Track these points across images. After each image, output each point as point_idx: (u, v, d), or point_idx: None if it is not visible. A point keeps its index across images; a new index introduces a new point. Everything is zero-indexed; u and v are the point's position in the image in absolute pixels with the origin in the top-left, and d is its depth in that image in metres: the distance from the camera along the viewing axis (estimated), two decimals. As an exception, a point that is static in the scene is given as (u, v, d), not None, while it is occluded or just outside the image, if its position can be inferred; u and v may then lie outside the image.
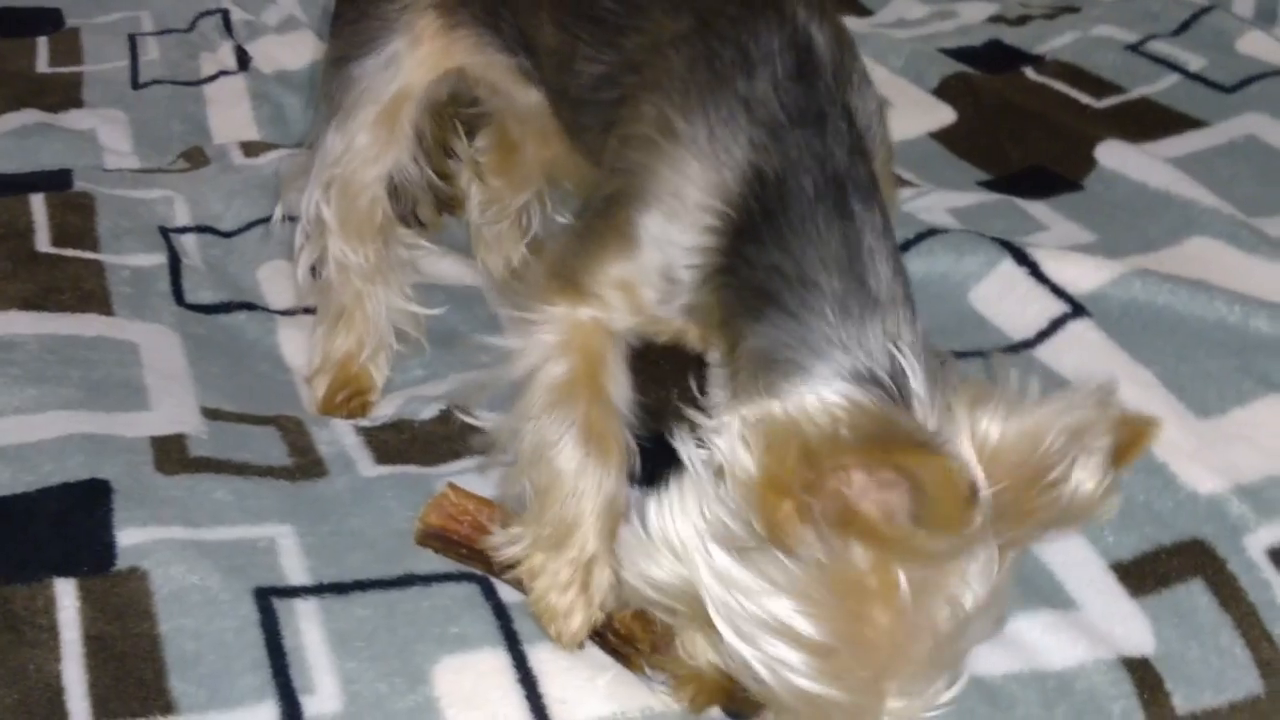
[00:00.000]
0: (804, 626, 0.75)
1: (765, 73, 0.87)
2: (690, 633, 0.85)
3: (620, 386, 0.94)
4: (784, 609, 0.75)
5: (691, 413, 0.82)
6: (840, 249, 0.82)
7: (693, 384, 0.91)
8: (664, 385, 1.03)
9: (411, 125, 1.16)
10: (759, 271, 0.83)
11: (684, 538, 0.79)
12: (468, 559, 0.99)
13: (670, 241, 0.88)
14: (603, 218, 0.92)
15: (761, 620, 0.76)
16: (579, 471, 0.92)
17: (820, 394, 0.77)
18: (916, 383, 0.78)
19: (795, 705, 0.78)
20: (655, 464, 0.97)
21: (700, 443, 0.80)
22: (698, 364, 0.97)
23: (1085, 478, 0.75)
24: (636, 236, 0.89)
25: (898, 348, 0.79)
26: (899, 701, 0.77)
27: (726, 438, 0.76)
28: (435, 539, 0.99)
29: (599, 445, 0.92)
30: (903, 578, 0.74)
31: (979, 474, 0.74)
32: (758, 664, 0.77)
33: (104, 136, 1.64)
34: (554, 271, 0.94)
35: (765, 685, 0.77)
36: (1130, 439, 0.78)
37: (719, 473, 0.77)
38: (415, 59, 1.13)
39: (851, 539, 0.73)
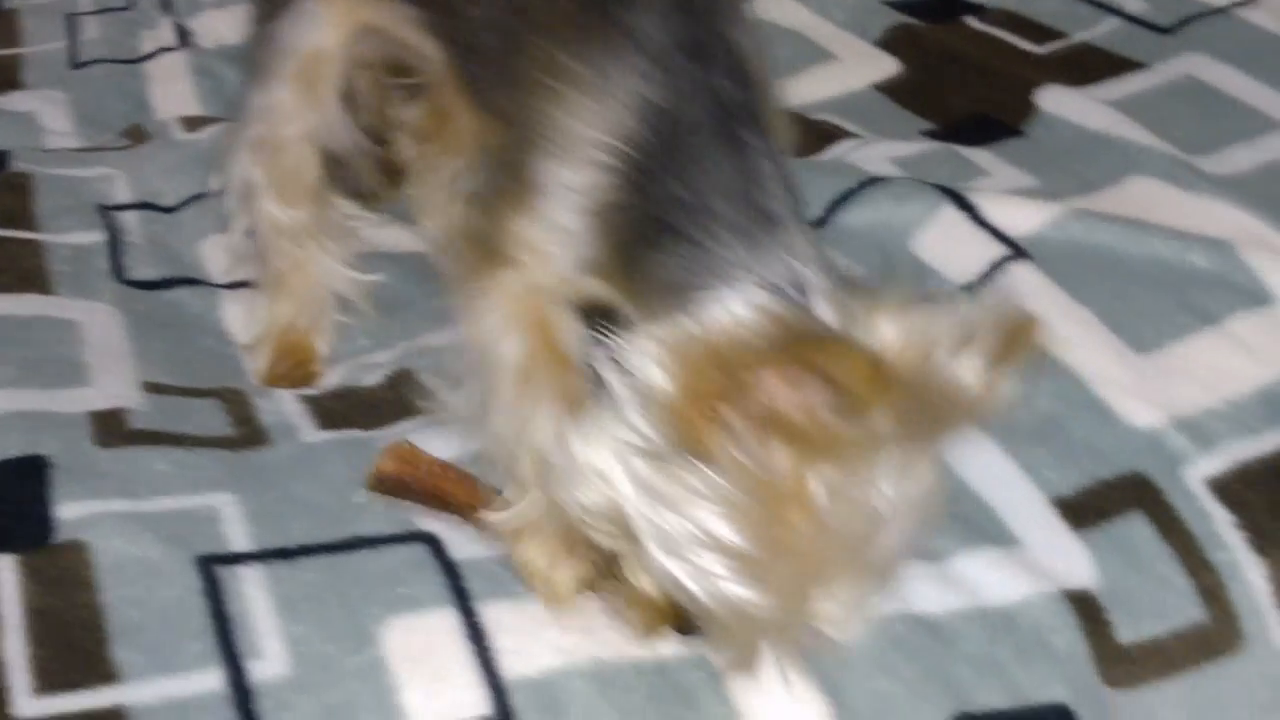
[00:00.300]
0: (726, 533, 0.76)
1: (648, 4, 0.88)
2: (632, 557, 0.85)
3: (576, 345, 0.95)
4: (706, 516, 0.76)
5: (607, 335, 0.83)
6: (733, 174, 0.84)
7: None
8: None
9: (334, 86, 1.16)
10: (656, 204, 0.85)
11: (606, 458, 0.80)
12: (423, 502, 0.98)
13: (565, 185, 0.88)
14: (504, 172, 0.92)
15: (685, 530, 0.77)
16: (549, 435, 0.91)
17: (729, 308, 0.78)
18: (817, 292, 0.79)
19: (725, 616, 0.79)
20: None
21: (617, 365, 0.81)
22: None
23: (970, 375, 0.77)
24: (535, 185, 0.90)
25: (796, 261, 0.81)
26: (827, 605, 0.78)
27: (641, 356, 0.77)
28: (390, 483, 0.98)
29: (572, 410, 0.92)
30: (815, 478, 0.74)
31: (887, 358, 0.75)
32: (684, 576, 0.78)
33: (44, 117, 1.62)
34: (474, 238, 0.94)
35: (693, 597, 0.78)
36: (1015, 339, 0.80)
37: (636, 391, 0.78)
38: (325, 15, 1.13)
39: (770, 442, 0.74)
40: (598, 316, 0.96)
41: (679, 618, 0.87)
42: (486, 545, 0.95)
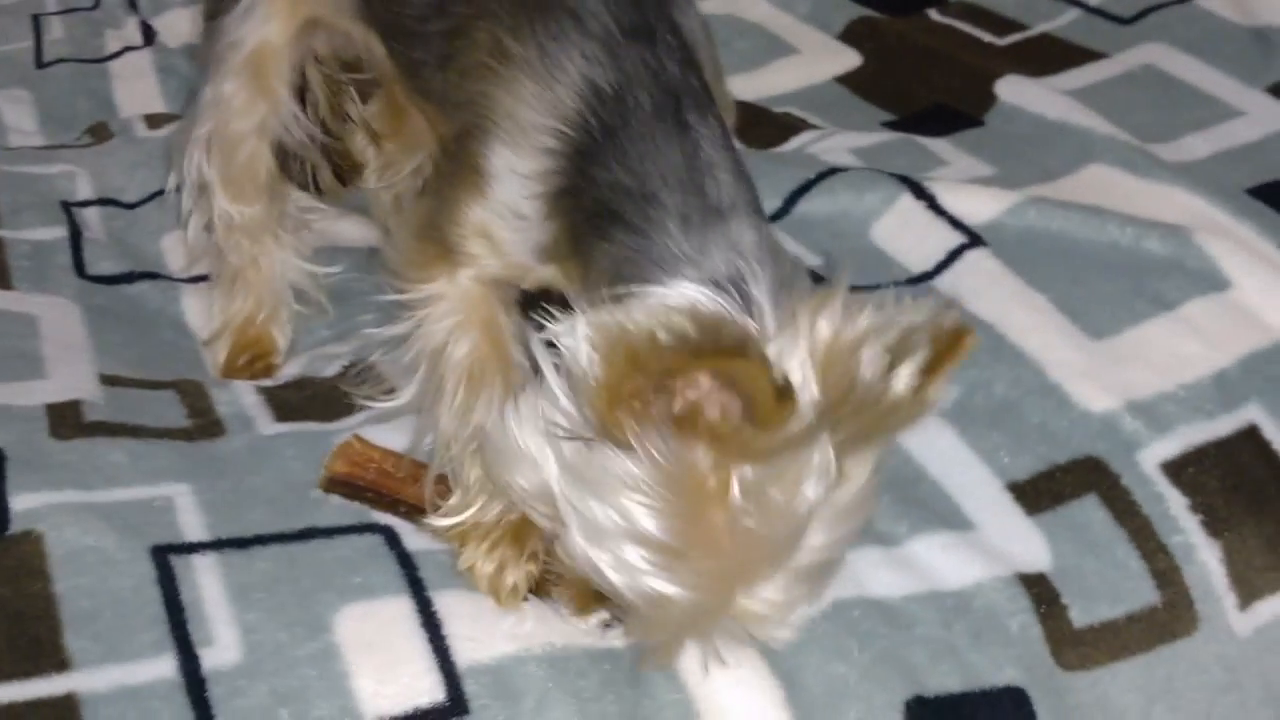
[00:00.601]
0: (647, 524, 0.76)
1: None
2: (564, 540, 0.85)
3: (526, 348, 0.95)
4: (628, 506, 0.76)
5: (547, 319, 0.83)
6: (680, 161, 0.83)
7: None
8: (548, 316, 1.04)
9: (285, 80, 1.15)
10: (603, 190, 0.84)
11: (536, 439, 0.80)
12: (375, 504, 0.99)
13: (514, 171, 0.88)
14: (453, 160, 0.92)
15: (608, 518, 0.77)
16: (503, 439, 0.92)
17: (659, 299, 0.78)
18: (758, 288, 0.79)
19: (645, 607, 0.79)
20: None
21: (551, 346, 0.80)
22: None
23: (900, 382, 0.77)
24: (486, 171, 0.89)
25: (740, 254, 0.80)
26: (750, 602, 0.79)
27: (570, 339, 0.77)
28: (341, 485, 0.99)
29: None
30: (736, 478, 0.75)
31: (801, 373, 0.75)
32: (605, 566, 0.78)
33: (8, 116, 1.62)
34: (421, 232, 0.93)
35: (614, 587, 0.79)
36: (949, 347, 0.80)
37: (565, 374, 0.78)
38: (271, 8, 1.13)
39: (686, 439, 0.74)
40: (548, 302, 0.96)
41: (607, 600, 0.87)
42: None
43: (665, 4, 0.89)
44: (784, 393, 0.73)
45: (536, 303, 0.95)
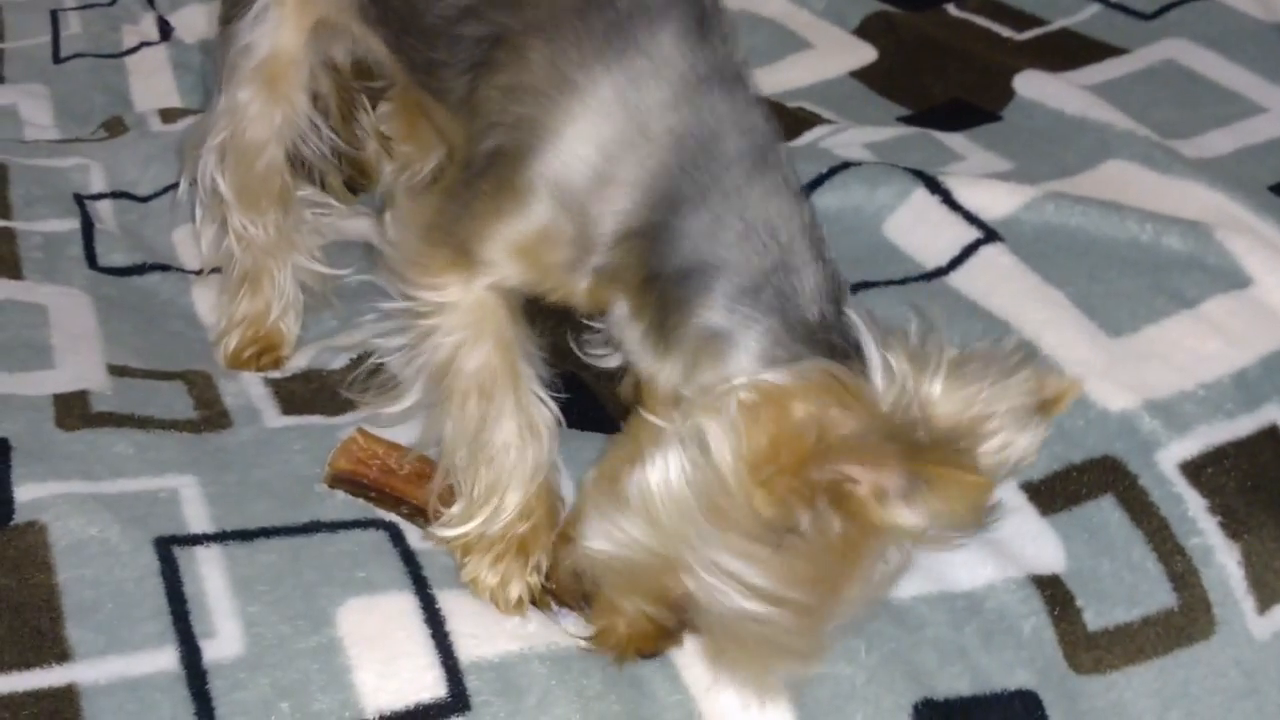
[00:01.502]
0: (788, 588, 0.78)
1: (668, 26, 0.84)
2: (626, 593, 0.86)
3: (533, 357, 0.94)
4: (772, 575, 0.78)
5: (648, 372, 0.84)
6: (770, 211, 0.83)
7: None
8: (554, 323, 1.03)
9: (298, 86, 1.14)
10: (699, 241, 0.83)
11: (670, 507, 0.80)
12: (378, 502, 0.98)
13: (575, 203, 0.86)
14: (489, 177, 0.89)
15: (749, 584, 0.78)
16: (508, 449, 0.92)
17: (799, 368, 0.78)
18: (866, 343, 0.79)
19: (753, 650, 0.82)
20: (573, 406, 0.99)
21: (675, 416, 0.81)
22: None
23: (1016, 438, 0.79)
24: (531, 196, 0.87)
25: (839, 306, 0.82)
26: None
27: (718, 415, 0.78)
28: (344, 483, 0.99)
29: (528, 423, 0.93)
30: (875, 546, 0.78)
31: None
32: (732, 618, 0.80)
33: (25, 110, 1.62)
34: (437, 239, 0.91)
35: (726, 638, 0.81)
36: (1053, 398, 0.82)
37: (703, 445, 0.78)
38: (283, 12, 1.12)
39: (845, 515, 0.76)
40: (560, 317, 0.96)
41: (649, 645, 0.88)
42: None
43: (729, 43, 0.86)
44: (985, 497, 0.76)
45: (541, 307, 0.94)
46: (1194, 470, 1.03)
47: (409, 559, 0.93)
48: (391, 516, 0.97)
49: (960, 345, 0.82)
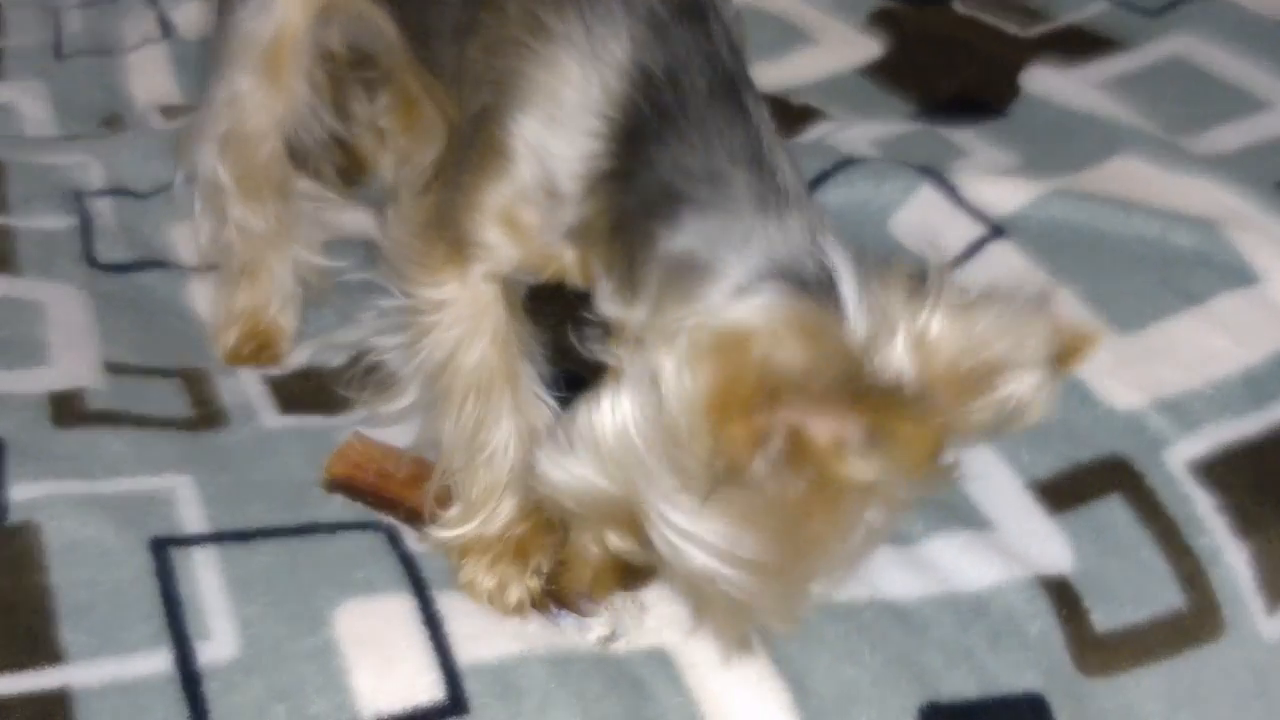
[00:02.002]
0: (742, 547, 0.74)
1: None
2: (593, 530, 0.83)
3: (533, 355, 0.93)
4: (723, 531, 0.74)
5: (618, 321, 0.80)
6: (745, 144, 0.80)
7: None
8: (555, 320, 1.02)
9: (300, 74, 1.13)
10: (664, 171, 0.80)
11: (619, 449, 0.77)
12: (375, 506, 0.97)
13: (550, 152, 0.84)
14: (476, 144, 0.88)
15: (699, 539, 0.75)
16: (506, 451, 0.91)
17: (760, 304, 0.74)
18: (846, 282, 0.76)
19: (722, 605, 0.78)
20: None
21: (634, 354, 0.77)
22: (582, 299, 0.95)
23: (1024, 387, 0.74)
24: (512, 150, 0.85)
25: (820, 242, 0.77)
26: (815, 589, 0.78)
27: (671, 353, 0.74)
28: (342, 488, 0.98)
29: (527, 424, 0.91)
30: (840, 500, 0.73)
31: (912, 390, 0.73)
32: (692, 574, 0.76)
33: (25, 108, 1.61)
34: (428, 230, 0.90)
35: (694, 590, 0.78)
36: (1070, 348, 0.77)
37: (653, 384, 0.75)
38: None
39: (800, 466, 0.71)
40: (559, 299, 0.94)
41: (624, 578, 0.85)
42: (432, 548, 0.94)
43: None
44: (940, 443, 0.71)
45: (543, 303, 0.93)
46: (1202, 469, 1.01)
47: (407, 561, 0.92)
48: (390, 519, 0.96)
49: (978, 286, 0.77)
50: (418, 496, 0.96)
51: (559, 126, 0.84)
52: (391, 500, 0.97)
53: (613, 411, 0.77)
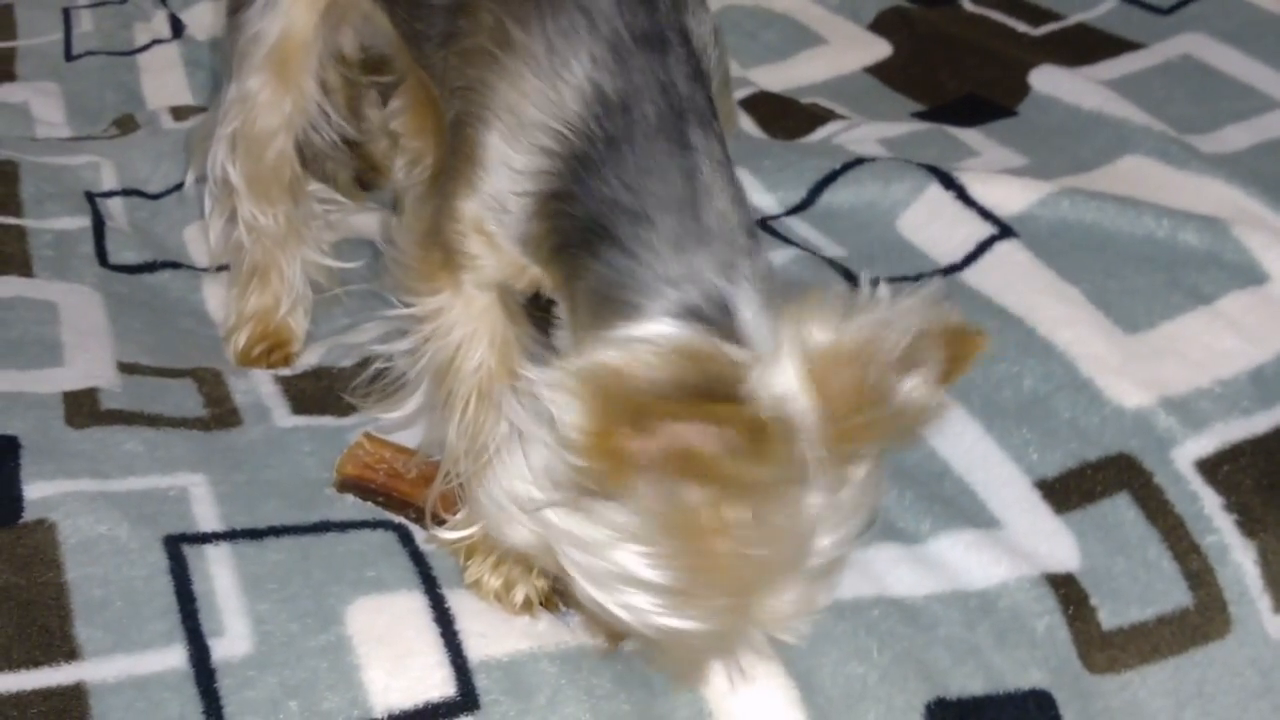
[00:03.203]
0: (649, 573, 0.74)
1: None
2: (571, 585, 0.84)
3: (539, 358, 0.91)
4: (628, 558, 0.74)
5: (519, 369, 0.81)
6: (678, 183, 0.81)
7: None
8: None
9: (309, 73, 1.13)
10: (596, 203, 0.81)
11: (526, 498, 0.78)
12: (386, 506, 0.98)
13: (507, 164, 0.85)
14: (458, 152, 0.89)
15: (610, 571, 0.75)
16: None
17: (645, 335, 0.76)
18: (746, 308, 0.77)
19: (663, 641, 0.77)
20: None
21: (530, 399, 0.78)
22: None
23: (916, 391, 0.74)
24: (480, 161, 0.86)
25: (729, 278, 0.78)
26: (774, 607, 0.77)
27: (552, 390, 0.74)
28: (353, 488, 0.99)
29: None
30: (734, 511, 0.73)
31: (798, 404, 0.73)
32: (617, 609, 0.76)
33: (36, 108, 1.62)
34: (425, 240, 0.91)
35: (629, 628, 0.77)
36: (960, 351, 0.77)
37: (550, 427, 0.75)
38: None
39: (677, 480, 0.72)
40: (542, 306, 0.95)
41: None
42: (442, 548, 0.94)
43: (679, 9, 0.86)
44: (781, 435, 0.71)
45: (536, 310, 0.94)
46: (1210, 468, 1.01)
47: (418, 559, 0.93)
48: (400, 518, 0.97)
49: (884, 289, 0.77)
50: (427, 496, 0.96)
51: (515, 140, 0.84)
52: (402, 500, 0.98)
53: (512, 463, 0.78)
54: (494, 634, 0.88)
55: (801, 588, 0.77)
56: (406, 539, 0.95)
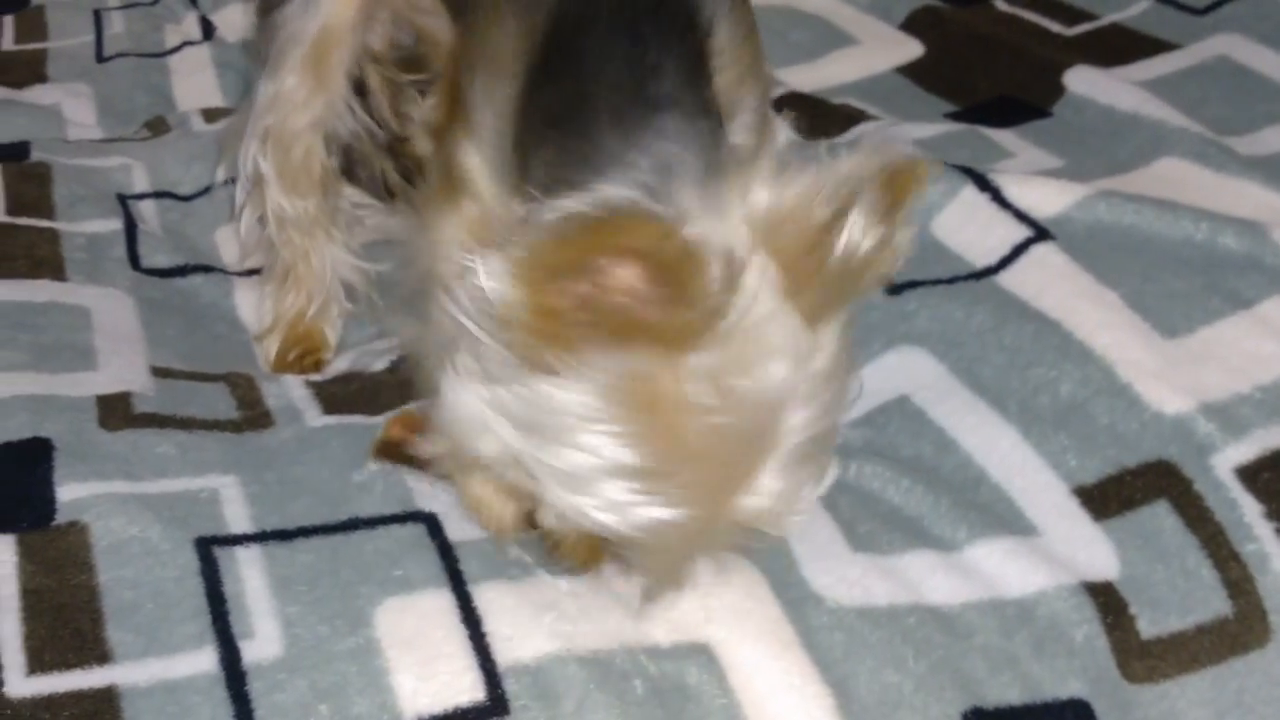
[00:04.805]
0: (618, 454, 0.72)
1: None
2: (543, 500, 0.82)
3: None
4: (592, 441, 0.72)
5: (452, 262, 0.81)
6: (621, 64, 0.81)
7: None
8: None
9: (344, 69, 1.14)
10: (547, 103, 0.83)
11: (479, 403, 0.76)
12: (425, 467, 0.96)
13: (489, 104, 0.87)
14: (456, 97, 0.92)
15: (577, 460, 0.73)
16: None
17: (578, 207, 0.73)
18: (685, 172, 0.75)
19: (645, 538, 0.75)
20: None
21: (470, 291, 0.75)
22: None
23: (859, 234, 0.72)
24: (472, 105, 0.89)
25: (672, 145, 0.77)
26: (750, 499, 0.74)
27: (491, 277, 0.72)
28: (395, 450, 0.98)
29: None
30: (690, 374, 0.70)
31: (742, 243, 0.71)
32: (593, 510, 0.74)
33: (68, 110, 1.63)
34: (438, 168, 0.94)
35: (608, 529, 0.75)
36: (902, 184, 0.74)
37: (489, 317, 0.73)
38: None
39: (623, 344, 0.70)
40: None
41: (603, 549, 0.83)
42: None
43: None
44: (688, 251, 0.68)
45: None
46: (1250, 475, 0.99)
47: (446, 552, 0.92)
48: (433, 506, 0.96)
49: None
50: None
51: (495, 77, 0.87)
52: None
53: (461, 369, 0.76)
54: (520, 635, 0.87)
55: (781, 474, 0.75)
56: (435, 530, 0.94)
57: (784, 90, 1.49)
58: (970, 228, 1.19)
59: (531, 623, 0.88)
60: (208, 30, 1.81)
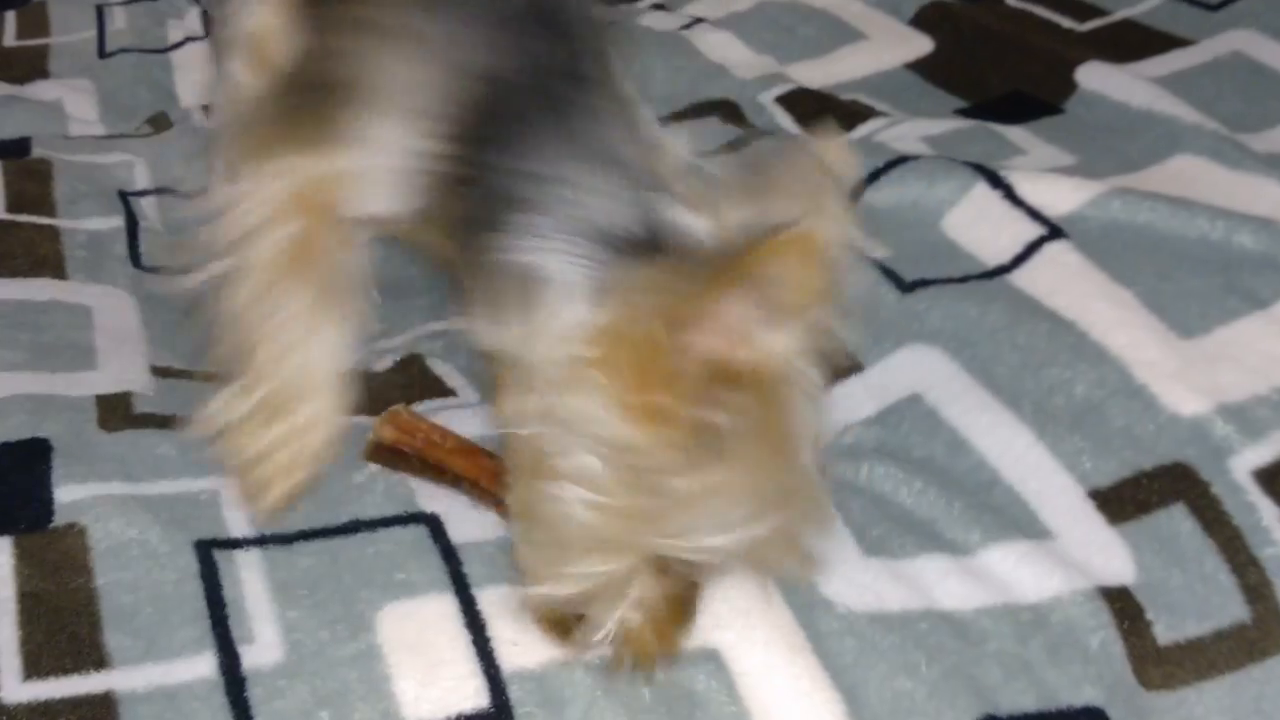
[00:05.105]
0: (755, 501, 0.75)
1: None
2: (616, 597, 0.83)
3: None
4: (690, 491, 0.73)
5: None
6: (567, 137, 0.82)
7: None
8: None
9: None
10: (492, 175, 0.83)
11: (600, 520, 0.77)
12: (419, 471, 0.96)
13: (386, 139, 0.88)
14: (323, 98, 0.92)
15: (683, 523, 0.74)
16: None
17: (615, 283, 0.75)
18: (676, 215, 0.77)
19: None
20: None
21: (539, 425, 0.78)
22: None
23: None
24: (351, 126, 0.89)
25: (650, 190, 0.79)
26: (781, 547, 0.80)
27: (561, 367, 0.74)
28: (386, 452, 0.97)
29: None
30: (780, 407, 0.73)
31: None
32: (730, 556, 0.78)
33: (70, 106, 1.62)
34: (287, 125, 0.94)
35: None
36: (823, 163, 0.79)
37: (582, 428, 0.75)
38: None
39: (737, 389, 0.71)
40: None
41: (680, 620, 0.85)
42: (483, 521, 0.92)
43: None
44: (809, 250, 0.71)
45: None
46: (1269, 478, 0.97)
47: (449, 556, 0.91)
48: (434, 507, 0.95)
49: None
50: (464, 464, 0.95)
51: (393, 116, 0.87)
52: (438, 466, 0.96)
53: (572, 488, 0.77)
54: (525, 641, 0.86)
55: (807, 514, 0.80)
56: (438, 533, 0.92)
57: (792, 86, 1.48)
58: (982, 226, 1.17)
59: (537, 628, 0.87)
60: (209, 26, 1.79)
